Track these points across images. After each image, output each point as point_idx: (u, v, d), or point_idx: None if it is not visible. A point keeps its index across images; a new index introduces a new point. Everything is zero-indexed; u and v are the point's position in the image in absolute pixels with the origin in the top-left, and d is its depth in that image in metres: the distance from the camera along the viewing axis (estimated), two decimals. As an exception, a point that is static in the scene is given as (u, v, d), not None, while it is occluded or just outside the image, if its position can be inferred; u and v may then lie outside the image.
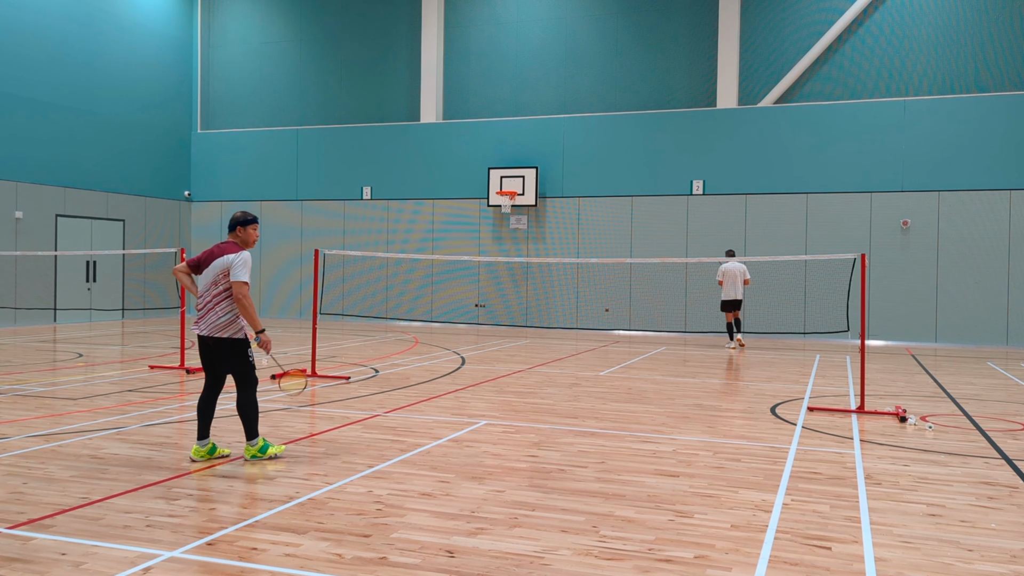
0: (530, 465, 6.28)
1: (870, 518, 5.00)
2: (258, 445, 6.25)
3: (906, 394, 10.39)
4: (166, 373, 11.18)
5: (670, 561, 4.23)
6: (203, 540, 4.42)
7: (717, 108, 19.55)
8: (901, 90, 18.43)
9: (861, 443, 7.24)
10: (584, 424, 7.98)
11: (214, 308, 6.16)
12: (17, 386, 9.86)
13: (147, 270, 22.16)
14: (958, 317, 17.76)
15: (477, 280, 21.24)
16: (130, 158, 21.96)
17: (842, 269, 15.68)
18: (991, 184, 17.59)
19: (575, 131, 20.55)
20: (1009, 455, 6.83)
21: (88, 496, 5.22)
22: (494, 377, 11.33)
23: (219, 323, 6.14)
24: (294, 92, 23.17)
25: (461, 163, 21.35)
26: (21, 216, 18.99)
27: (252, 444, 6.25)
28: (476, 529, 4.68)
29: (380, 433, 7.35)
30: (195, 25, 23.92)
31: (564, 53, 20.89)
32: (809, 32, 19.02)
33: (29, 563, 4.07)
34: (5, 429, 7.31)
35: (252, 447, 6.25)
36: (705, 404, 9.33)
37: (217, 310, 6.16)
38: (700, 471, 6.13)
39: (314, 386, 10.19)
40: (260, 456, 6.24)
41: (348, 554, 4.25)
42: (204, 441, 6.29)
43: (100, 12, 21.01)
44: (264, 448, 6.26)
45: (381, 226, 22.09)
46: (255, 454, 6.23)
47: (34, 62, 19.37)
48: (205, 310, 6.20)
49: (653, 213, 19.81)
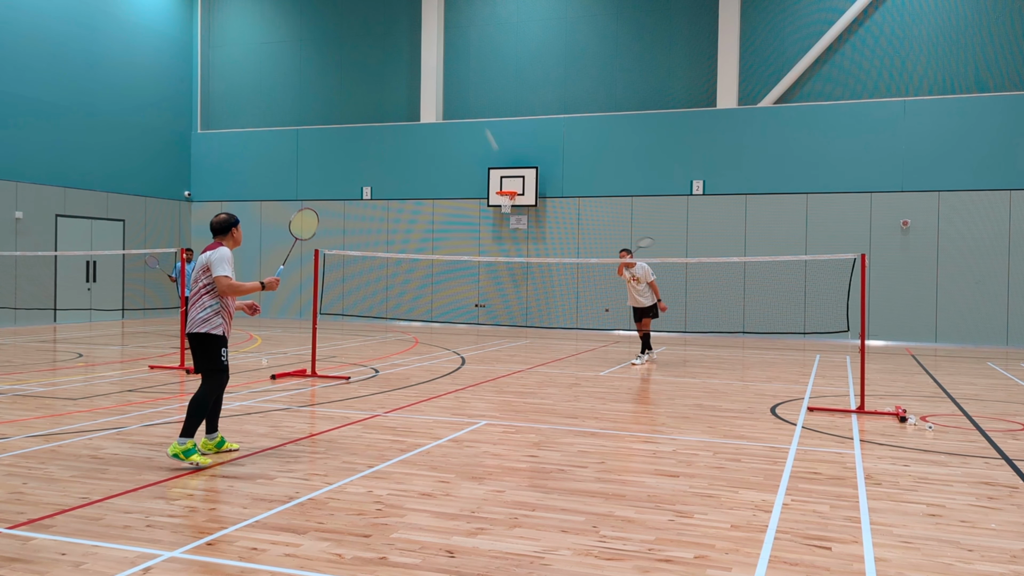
0: (530, 465, 6.28)
1: (870, 518, 5.00)
2: (186, 446, 5.99)
3: (906, 394, 10.39)
4: (166, 373, 11.18)
5: (670, 561, 4.23)
6: (203, 540, 4.42)
7: (717, 108, 19.55)
8: (901, 90, 18.43)
9: (861, 443, 7.23)
10: (584, 424, 7.97)
11: (195, 304, 6.24)
12: (17, 386, 9.86)
13: (147, 270, 22.15)
14: (958, 317, 17.76)
15: (477, 280, 21.24)
16: (130, 158, 21.95)
17: (842, 269, 15.67)
18: (991, 184, 17.59)
19: (575, 131, 20.55)
20: (1009, 455, 6.83)
21: (88, 496, 5.22)
22: (494, 377, 11.33)
23: (198, 318, 6.20)
24: (294, 92, 23.17)
25: (461, 163, 21.35)
26: (21, 216, 18.99)
27: (181, 443, 6.00)
28: (476, 529, 4.68)
29: (380, 433, 7.35)
30: (195, 25, 23.92)
31: (564, 53, 20.89)
32: (809, 32, 19.02)
33: (29, 563, 4.07)
34: (5, 429, 7.31)
35: (180, 445, 5.99)
36: (705, 404, 9.33)
37: (198, 306, 6.22)
38: (700, 471, 6.13)
39: (314, 386, 10.19)
40: (181, 458, 5.96)
41: (348, 554, 4.25)
42: (212, 435, 6.37)
43: (100, 12, 21.01)
44: (189, 452, 5.99)
45: (381, 226, 22.09)
46: (178, 453, 5.97)
47: (34, 62, 19.36)
48: (190, 307, 6.29)
49: (653, 213, 19.80)
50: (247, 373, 11.39)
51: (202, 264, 6.23)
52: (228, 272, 6.17)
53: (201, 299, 6.22)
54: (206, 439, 6.35)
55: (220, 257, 6.19)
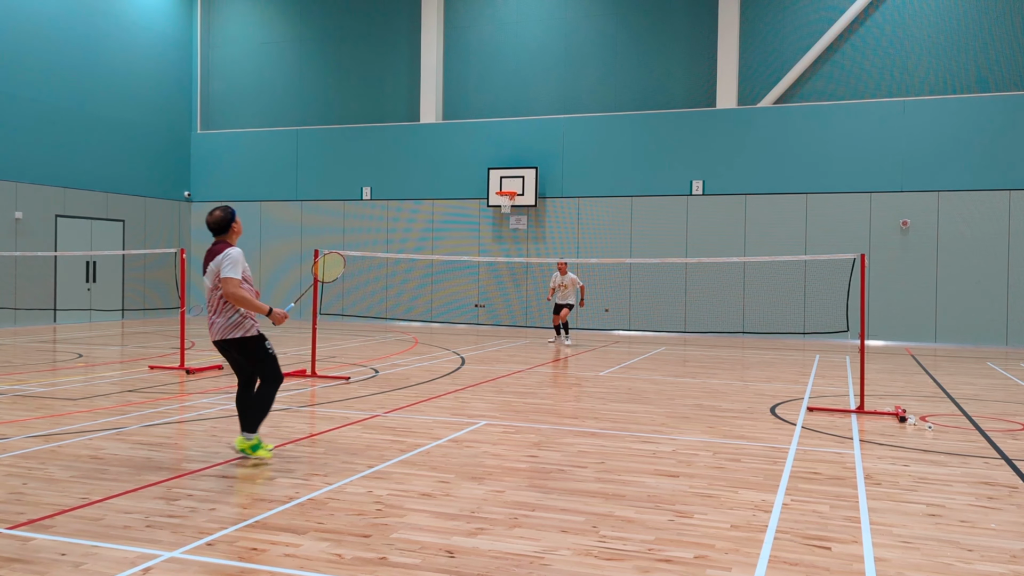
0: (530, 465, 6.28)
1: (870, 518, 5.00)
2: (252, 441, 6.16)
3: (906, 394, 10.39)
4: (166, 373, 11.18)
5: (670, 561, 4.23)
6: (203, 540, 4.42)
7: (717, 108, 19.55)
8: (901, 90, 18.43)
9: (861, 443, 7.24)
10: (584, 424, 7.98)
11: (220, 312, 6.10)
12: (17, 386, 9.86)
13: (147, 270, 22.16)
14: (958, 317, 17.76)
15: (477, 280, 21.24)
16: (130, 158, 21.96)
17: (842, 269, 15.68)
18: (991, 184, 17.59)
19: (575, 131, 20.55)
20: (1009, 455, 6.83)
21: (88, 496, 5.22)
22: (494, 377, 11.33)
23: (228, 325, 6.08)
24: (294, 92, 23.17)
25: (461, 163, 21.35)
26: (21, 216, 18.98)
27: (248, 438, 6.16)
28: (476, 529, 4.68)
29: (380, 433, 7.35)
30: (195, 25, 23.92)
31: (564, 53, 20.89)
32: (809, 32, 19.02)
33: (29, 563, 4.07)
34: (5, 429, 7.31)
35: (247, 441, 6.15)
36: (705, 404, 9.33)
37: (224, 315, 6.09)
38: (700, 471, 6.13)
39: (314, 386, 10.19)
40: (249, 453, 6.16)
41: (348, 554, 4.25)
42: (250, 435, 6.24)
43: (100, 12, 21.01)
44: (256, 447, 6.17)
45: (381, 226, 22.09)
46: (245, 448, 6.14)
47: (34, 62, 19.37)
48: (214, 315, 6.14)
49: (653, 213, 19.81)
50: (247, 373, 11.38)
51: (214, 272, 6.05)
52: (237, 275, 5.97)
53: (225, 304, 6.07)
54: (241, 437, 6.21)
55: (231, 260, 5.99)
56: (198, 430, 7.44)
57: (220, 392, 9.62)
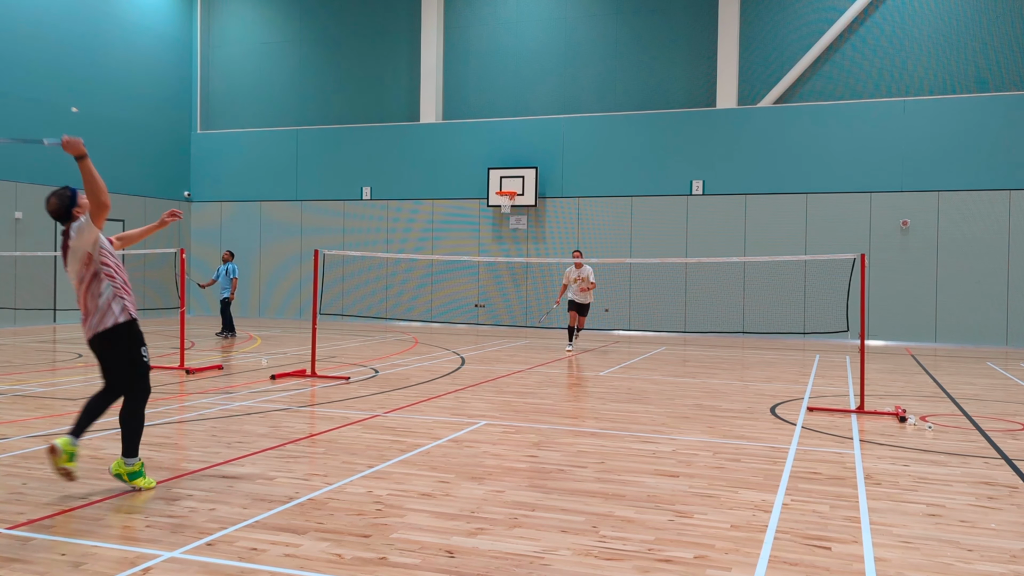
0: (530, 465, 6.28)
1: (870, 518, 5.00)
2: (134, 467, 5.30)
3: (906, 394, 10.39)
4: (166, 373, 11.18)
5: (670, 561, 4.23)
6: (203, 540, 4.42)
7: (717, 108, 19.55)
8: (901, 90, 18.44)
9: (861, 443, 7.24)
10: (584, 424, 7.98)
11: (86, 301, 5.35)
12: (17, 386, 9.86)
13: (147, 270, 22.15)
14: (958, 317, 17.76)
15: (477, 280, 21.25)
16: (130, 158, 21.95)
17: (842, 269, 15.67)
18: (991, 184, 17.60)
19: (575, 131, 20.55)
20: (1009, 455, 6.83)
21: (88, 496, 5.21)
22: (494, 377, 11.33)
23: (96, 314, 5.31)
24: (294, 92, 23.17)
25: (461, 163, 21.35)
26: (21, 216, 18.98)
27: (128, 463, 5.30)
28: (476, 529, 4.68)
29: (380, 433, 7.35)
30: (195, 25, 23.92)
31: (563, 53, 20.89)
32: (809, 32, 19.02)
33: (29, 563, 4.07)
34: (5, 429, 7.31)
35: (128, 466, 5.30)
36: (705, 404, 9.33)
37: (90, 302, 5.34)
38: (700, 471, 6.13)
39: (314, 386, 10.19)
40: (125, 480, 5.30)
41: (348, 554, 4.25)
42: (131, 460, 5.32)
43: (100, 12, 21.01)
44: (135, 476, 5.31)
45: (381, 226, 22.09)
46: (121, 474, 5.30)
47: (34, 62, 19.36)
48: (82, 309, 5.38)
49: (653, 213, 19.81)
50: (247, 373, 11.39)
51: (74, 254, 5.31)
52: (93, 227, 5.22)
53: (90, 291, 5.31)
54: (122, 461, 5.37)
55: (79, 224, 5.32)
56: (198, 430, 7.44)
57: (220, 392, 9.62)
